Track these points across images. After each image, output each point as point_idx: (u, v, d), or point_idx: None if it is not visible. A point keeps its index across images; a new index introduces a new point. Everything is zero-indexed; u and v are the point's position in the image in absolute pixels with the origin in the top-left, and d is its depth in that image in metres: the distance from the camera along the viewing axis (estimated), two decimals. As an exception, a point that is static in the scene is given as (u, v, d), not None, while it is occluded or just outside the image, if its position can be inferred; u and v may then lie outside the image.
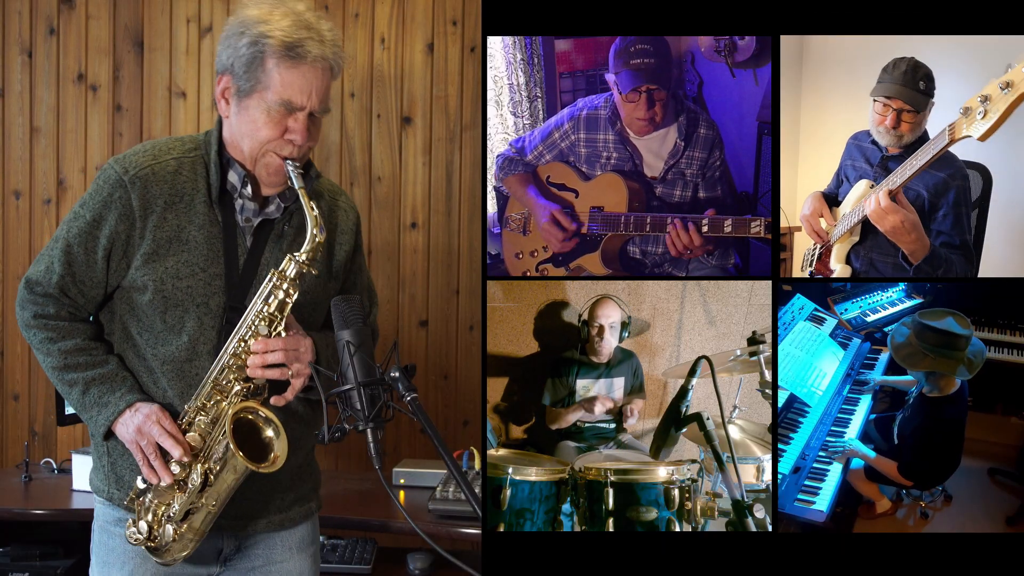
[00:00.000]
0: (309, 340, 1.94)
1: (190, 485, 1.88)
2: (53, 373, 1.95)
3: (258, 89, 1.87)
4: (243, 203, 1.95)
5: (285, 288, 1.88)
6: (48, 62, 3.51)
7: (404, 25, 3.45)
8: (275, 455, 1.89)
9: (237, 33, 1.88)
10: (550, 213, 2.66)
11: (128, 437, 1.90)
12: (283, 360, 1.89)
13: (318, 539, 2.19)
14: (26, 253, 3.54)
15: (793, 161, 2.52)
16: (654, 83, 2.52)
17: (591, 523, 2.17)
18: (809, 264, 2.36)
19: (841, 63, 2.33)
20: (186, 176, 1.93)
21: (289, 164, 1.89)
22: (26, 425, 3.56)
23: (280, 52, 1.85)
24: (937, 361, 2.17)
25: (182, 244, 1.91)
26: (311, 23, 1.88)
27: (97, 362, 1.94)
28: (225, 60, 1.90)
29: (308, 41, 1.86)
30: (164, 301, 1.90)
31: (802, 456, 2.36)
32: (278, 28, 1.85)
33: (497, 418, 2.92)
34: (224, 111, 1.93)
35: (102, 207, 1.89)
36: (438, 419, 3.49)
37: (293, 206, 1.99)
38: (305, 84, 1.87)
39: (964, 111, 1.89)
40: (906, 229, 2.06)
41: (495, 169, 2.85)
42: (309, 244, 1.89)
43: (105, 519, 2.02)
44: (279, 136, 1.89)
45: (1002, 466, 2.46)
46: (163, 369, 1.94)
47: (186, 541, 1.91)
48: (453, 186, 3.47)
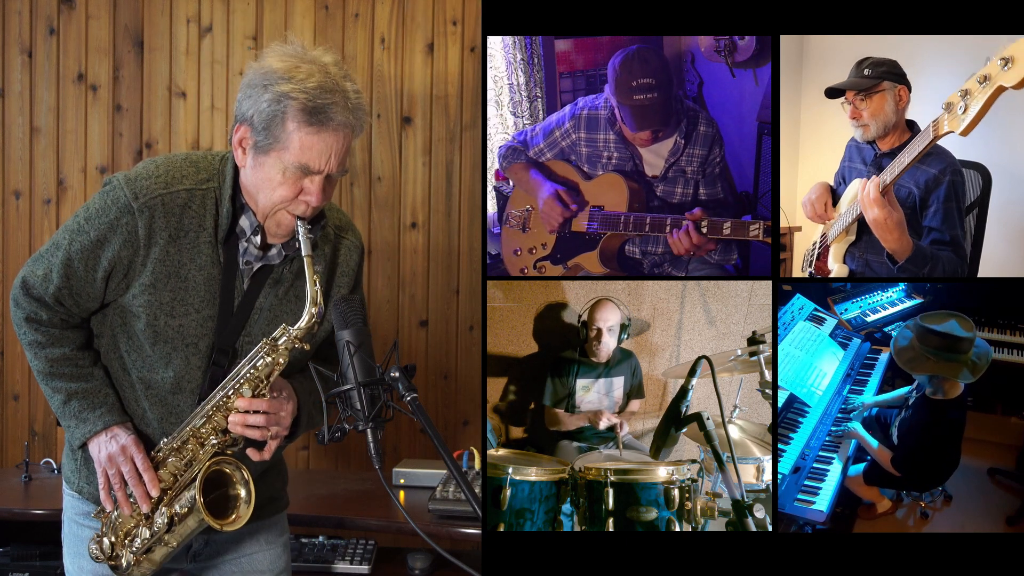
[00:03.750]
0: (292, 405, 1.94)
1: (154, 527, 1.90)
2: (39, 375, 1.97)
3: (276, 148, 1.80)
4: (247, 247, 1.92)
5: (275, 357, 1.87)
6: (48, 62, 3.51)
7: (404, 25, 3.45)
8: (238, 516, 1.91)
9: (260, 85, 1.80)
10: (554, 190, 2.66)
11: (99, 461, 1.92)
12: (264, 423, 1.89)
13: (287, 530, 2.22)
14: (26, 253, 3.53)
15: (793, 161, 2.52)
16: (661, 124, 2.54)
17: (591, 523, 2.17)
18: (809, 264, 2.36)
19: (841, 63, 2.33)
20: (195, 211, 1.88)
21: (300, 225, 1.85)
22: (26, 425, 3.56)
23: (302, 116, 1.78)
24: (940, 365, 2.17)
25: (180, 281, 1.89)
26: (337, 85, 1.80)
27: (82, 375, 1.94)
28: (245, 111, 1.83)
29: (332, 107, 1.79)
30: (155, 335, 1.90)
31: (802, 456, 2.36)
32: (302, 90, 1.77)
33: (497, 418, 2.92)
34: (240, 161, 1.87)
35: (108, 230, 1.86)
36: (438, 419, 3.49)
37: (295, 254, 1.95)
38: (325, 149, 1.80)
39: (946, 107, 1.89)
40: (888, 227, 2.06)
41: (498, 159, 2.85)
42: (306, 320, 1.86)
43: (74, 511, 2.05)
44: (293, 196, 1.84)
45: (1002, 466, 2.46)
46: (146, 393, 1.95)
47: (144, 569, 1.94)
48: (453, 186, 3.47)
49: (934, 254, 2.12)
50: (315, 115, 1.78)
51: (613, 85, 2.55)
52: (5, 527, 3.10)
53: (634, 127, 2.56)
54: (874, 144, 2.26)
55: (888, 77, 2.18)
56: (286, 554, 2.19)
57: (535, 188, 2.72)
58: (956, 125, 1.87)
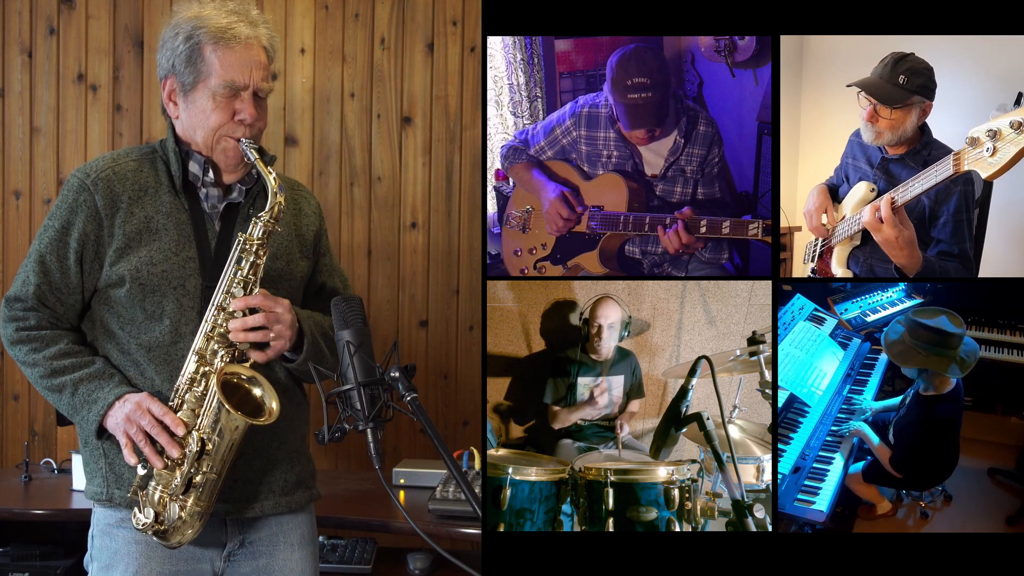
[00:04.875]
0: (286, 301, 1.99)
1: (188, 452, 1.89)
2: (42, 383, 1.97)
3: (201, 79, 1.96)
4: (207, 191, 2.02)
5: (254, 250, 1.94)
6: (48, 62, 3.51)
7: (404, 25, 3.45)
8: (269, 408, 1.92)
9: (172, 35, 1.99)
10: (561, 192, 2.66)
11: (119, 426, 1.91)
12: (264, 323, 1.93)
13: (316, 537, 2.21)
14: (26, 253, 3.53)
15: (793, 161, 2.52)
16: (655, 124, 2.54)
17: (591, 523, 2.17)
18: (811, 259, 2.34)
19: (841, 63, 2.33)
20: (147, 172, 2.00)
21: (243, 143, 1.97)
22: (26, 425, 3.56)
23: (215, 38, 1.95)
24: (929, 359, 2.17)
25: (152, 233, 1.96)
26: (238, 8, 2.00)
27: (84, 363, 1.96)
28: (166, 64, 2.01)
29: (238, 24, 1.97)
30: (142, 289, 1.94)
31: (802, 456, 2.36)
32: (209, 19, 1.97)
33: (497, 418, 2.91)
34: (174, 113, 2.02)
35: (69, 213, 1.95)
36: (438, 419, 3.49)
37: (256, 188, 2.05)
38: (243, 63, 1.96)
39: (971, 142, 1.82)
40: (899, 245, 2.02)
41: (500, 158, 2.85)
42: (271, 202, 1.95)
43: (106, 522, 2.02)
44: (229, 119, 1.97)
45: (1002, 466, 2.46)
46: (148, 357, 1.96)
47: (193, 519, 1.91)
48: (453, 186, 3.46)
49: (943, 267, 2.09)
50: (225, 34, 1.96)
51: (610, 83, 2.56)
52: (5, 527, 3.10)
53: (628, 125, 2.56)
54: (881, 147, 2.20)
55: (922, 92, 2.05)
56: (316, 560, 2.18)
57: (539, 189, 2.72)
58: (983, 168, 1.80)
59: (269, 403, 1.92)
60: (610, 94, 2.57)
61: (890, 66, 2.08)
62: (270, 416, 1.91)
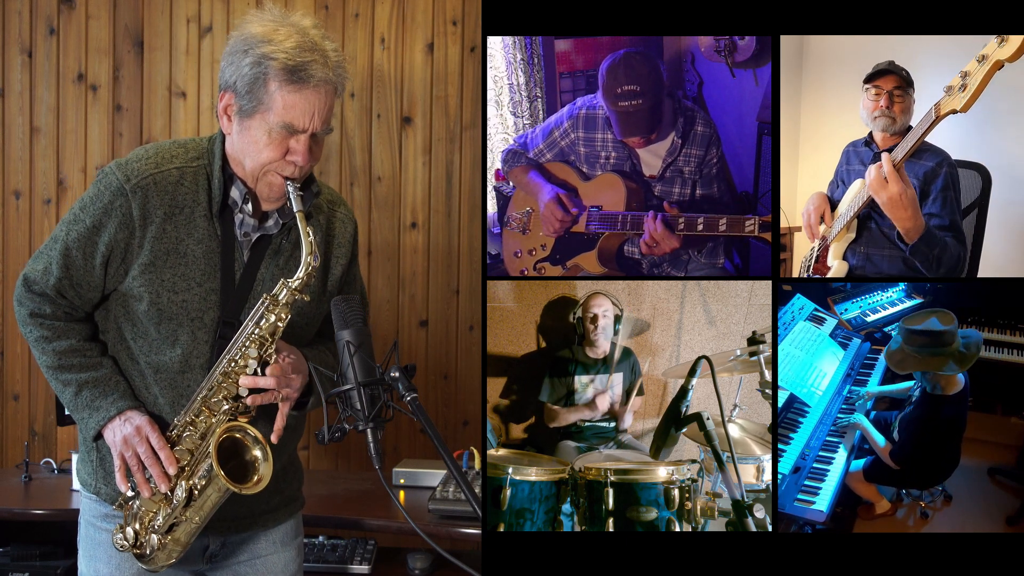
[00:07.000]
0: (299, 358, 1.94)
1: (175, 500, 1.89)
2: (48, 371, 1.96)
3: (260, 110, 1.84)
4: (243, 218, 1.94)
5: (277, 312, 1.88)
6: (48, 62, 3.51)
7: (404, 25, 3.45)
8: (259, 477, 1.89)
9: (240, 51, 1.85)
10: (556, 194, 2.67)
11: (115, 445, 1.91)
12: (274, 385, 1.89)
13: (301, 532, 2.21)
14: (26, 253, 3.53)
15: (793, 161, 2.52)
16: (647, 131, 2.54)
17: (591, 523, 2.17)
18: (806, 270, 2.37)
19: (841, 63, 2.33)
20: (187, 187, 1.91)
21: (289, 185, 1.88)
22: (26, 425, 3.56)
23: (283, 75, 1.82)
24: (925, 361, 2.18)
25: (180, 257, 1.90)
26: (315, 44, 1.85)
27: (91, 364, 1.94)
28: (228, 77, 1.88)
29: (312, 64, 1.83)
30: (159, 313, 1.90)
31: (802, 456, 2.36)
32: (281, 50, 1.82)
33: (497, 418, 2.92)
34: (227, 128, 1.91)
35: (102, 214, 1.88)
36: (438, 419, 3.49)
37: (291, 222, 1.97)
38: (308, 107, 1.84)
39: (947, 90, 1.97)
40: (904, 203, 2.09)
41: (500, 162, 2.86)
42: (303, 270, 1.88)
43: (92, 514, 2.04)
44: (280, 157, 1.87)
45: (1002, 466, 2.46)
46: (155, 377, 1.95)
47: (170, 551, 1.93)
48: (453, 186, 3.47)
49: (942, 238, 2.16)
50: (295, 74, 1.82)
51: (601, 90, 2.56)
52: (5, 527, 3.10)
53: (620, 133, 2.56)
54: (872, 145, 2.27)
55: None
56: (300, 556, 2.18)
57: (536, 190, 2.73)
58: (956, 103, 1.94)
59: (260, 471, 1.89)
60: (602, 101, 2.57)
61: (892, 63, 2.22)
62: (256, 485, 1.87)
